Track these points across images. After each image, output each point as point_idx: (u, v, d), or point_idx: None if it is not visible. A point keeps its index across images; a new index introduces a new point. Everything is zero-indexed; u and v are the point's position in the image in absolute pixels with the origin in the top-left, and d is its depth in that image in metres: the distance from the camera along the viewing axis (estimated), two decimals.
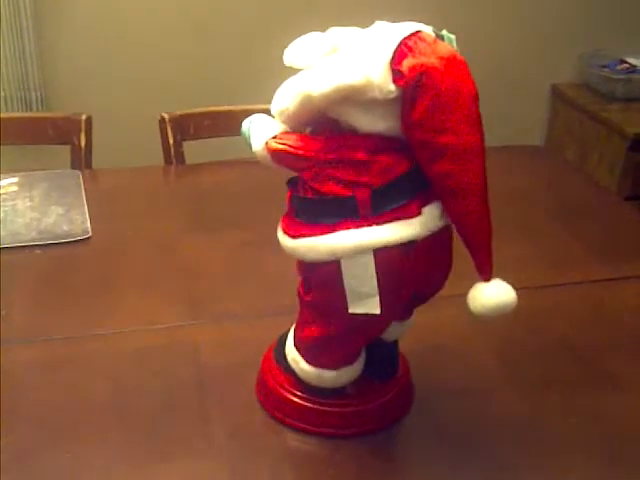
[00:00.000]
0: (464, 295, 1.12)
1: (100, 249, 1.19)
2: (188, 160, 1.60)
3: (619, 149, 2.25)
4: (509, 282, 1.13)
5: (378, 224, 0.70)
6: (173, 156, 1.56)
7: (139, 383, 0.91)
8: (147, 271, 1.14)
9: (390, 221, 0.70)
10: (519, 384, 0.94)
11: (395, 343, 0.87)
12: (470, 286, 1.12)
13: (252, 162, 0.84)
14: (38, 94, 2.22)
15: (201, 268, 1.16)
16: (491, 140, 1.77)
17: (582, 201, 1.43)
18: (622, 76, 2.41)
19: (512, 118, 2.46)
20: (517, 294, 1.11)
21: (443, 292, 1.10)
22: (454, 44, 0.70)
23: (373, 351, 0.84)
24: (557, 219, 1.35)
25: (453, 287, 1.13)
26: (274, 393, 0.86)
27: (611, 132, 2.30)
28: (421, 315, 0.99)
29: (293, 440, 0.84)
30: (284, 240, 0.75)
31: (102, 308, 1.04)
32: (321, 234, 0.71)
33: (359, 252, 0.70)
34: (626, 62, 2.46)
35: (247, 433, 0.84)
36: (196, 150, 1.61)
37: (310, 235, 0.72)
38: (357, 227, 0.70)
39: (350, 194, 0.70)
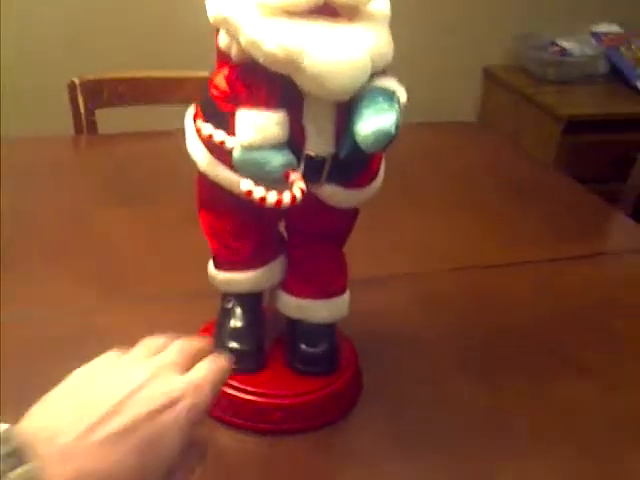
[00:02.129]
0: (414, 274, 1.04)
1: (5, 225, 1.04)
2: (101, 130, 1.46)
3: (553, 132, 2.19)
4: (456, 262, 1.06)
5: None
6: (84, 125, 1.41)
7: (46, 377, 0.77)
8: (57, 249, 1.00)
9: None
10: (476, 371, 0.85)
11: (329, 330, 0.77)
12: (425, 266, 1.05)
13: (172, 133, 0.73)
14: None
15: (117, 246, 1.03)
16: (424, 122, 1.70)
17: (527, 179, 1.36)
18: (555, 59, 2.36)
19: (444, 100, 2.38)
20: (465, 273, 1.05)
21: (392, 271, 1.02)
22: None
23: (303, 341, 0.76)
24: (503, 197, 1.27)
25: (403, 265, 1.06)
26: None
27: (545, 115, 2.24)
28: (368, 297, 0.90)
29: (228, 438, 0.73)
30: None
31: (6, 290, 0.89)
32: None
33: None
34: (558, 45, 2.41)
35: None
36: (110, 119, 1.47)
37: None
38: None
39: None
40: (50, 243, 1.01)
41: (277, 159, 0.63)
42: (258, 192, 0.62)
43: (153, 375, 0.50)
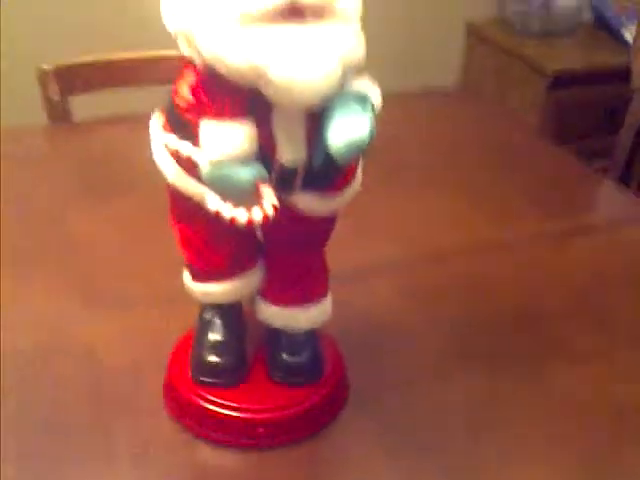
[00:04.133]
0: (395, 263, 1.02)
1: None
2: (76, 117, 1.41)
3: (539, 88, 2.15)
4: (444, 242, 1.03)
5: None
6: (57, 113, 1.37)
7: (21, 393, 0.76)
8: (28, 248, 0.97)
9: None
10: (471, 364, 0.83)
11: (312, 337, 0.75)
12: (406, 253, 1.01)
13: (150, 117, 0.69)
14: None
15: (94, 244, 0.99)
16: (406, 83, 1.66)
17: (514, 148, 1.32)
18: (538, 12, 2.30)
19: (427, 56, 2.33)
20: (454, 256, 1.02)
21: (372, 261, 0.99)
22: None
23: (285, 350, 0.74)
24: (489, 168, 1.23)
25: (383, 254, 1.02)
26: (185, 399, 0.72)
27: (530, 70, 2.19)
28: (350, 291, 0.87)
29: (211, 454, 0.71)
30: None
31: None
32: None
33: None
34: None
35: (155, 448, 0.70)
36: (85, 105, 1.42)
37: None
38: None
39: None
40: (19, 241, 0.98)
41: (246, 173, 0.60)
42: (227, 211, 0.60)
43: None
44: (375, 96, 0.62)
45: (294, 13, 0.57)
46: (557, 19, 2.30)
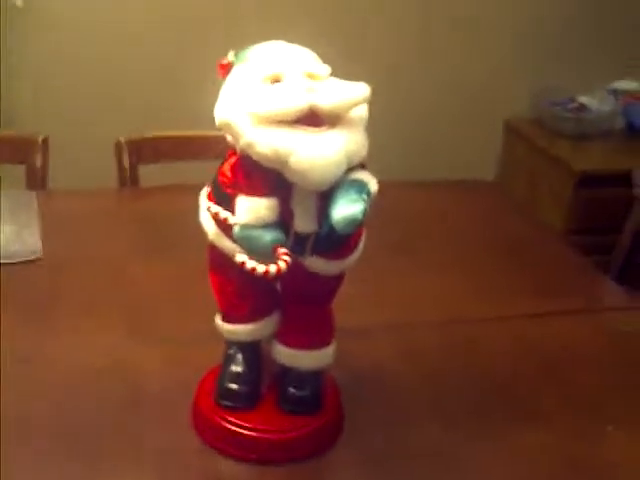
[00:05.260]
0: (400, 325, 1.17)
1: (48, 271, 1.20)
2: (147, 184, 1.61)
3: (567, 185, 2.31)
4: (440, 315, 1.18)
5: None
6: (128, 179, 1.58)
7: (76, 405, 0.93)
8: (93, 295, 1.15)
9: None
10: (443, 417, 0.97)
11: (315, 376, 0.91)
12: (409, 318, 1.16)
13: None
14: None
15: (146, 289, 1.18)
16: (442, 173, 1.82)
17: (520, 238, 1.46)
18: (573, 115, 2.47)
19: (464, 151, 2.50)
20: (448, 324, 1.16)
21: (379, 321, 1.15)
22: None
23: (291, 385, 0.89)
24: (492, 254, 1.38)
25: (389, 316, 1.17)
26: (207, 418, 0.88)
27: (560, 168, 2.36)
28: (357, 345, 1.03)
29: (222, 465, 0.87)
30: None
31: (44, 329, 1.06)
32: None
33: None
34: (577, 101, 2.52)
35: (178, 458, 0.87)
36: (155, 174, 1.61)
37: None
38: None
39: None
40: (86, 289, 1.17)
41: (267, 236, 0.78)
42: (249, 264, 0.77)
43: None
44: (372, 184, 0.79)
45: (313, 118, 0.75)
46: (589, 124, 2.47)
